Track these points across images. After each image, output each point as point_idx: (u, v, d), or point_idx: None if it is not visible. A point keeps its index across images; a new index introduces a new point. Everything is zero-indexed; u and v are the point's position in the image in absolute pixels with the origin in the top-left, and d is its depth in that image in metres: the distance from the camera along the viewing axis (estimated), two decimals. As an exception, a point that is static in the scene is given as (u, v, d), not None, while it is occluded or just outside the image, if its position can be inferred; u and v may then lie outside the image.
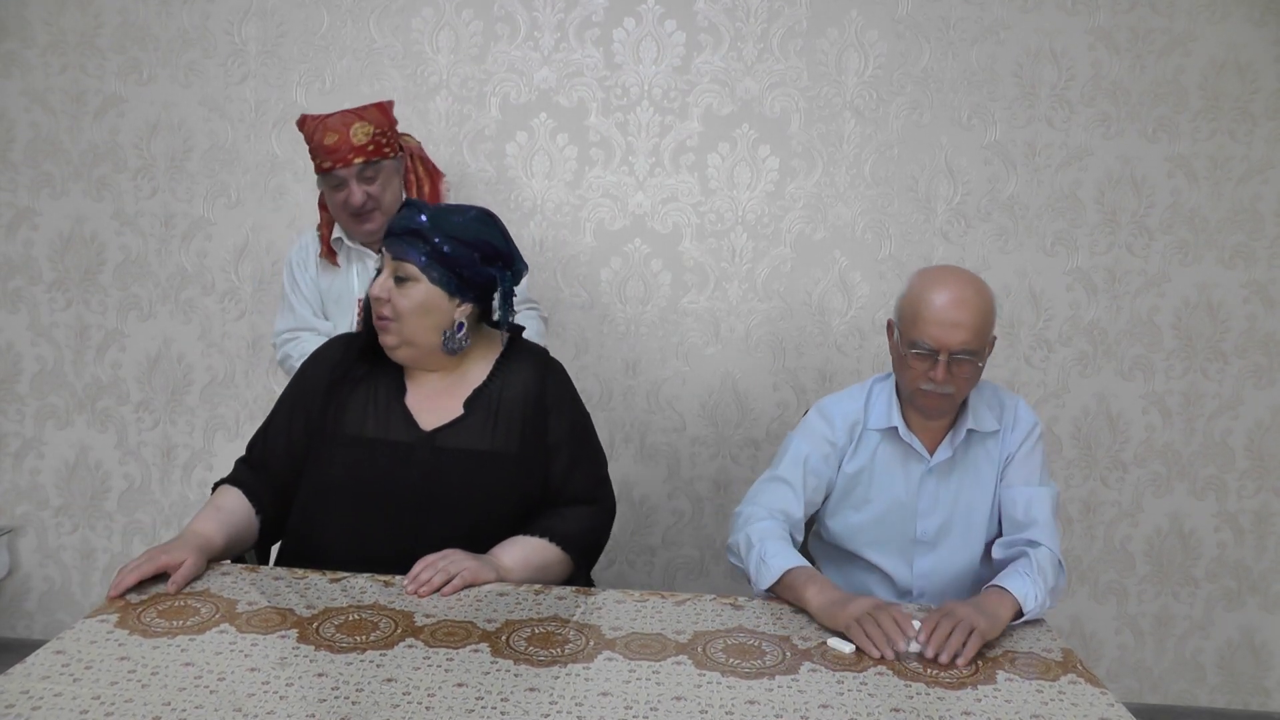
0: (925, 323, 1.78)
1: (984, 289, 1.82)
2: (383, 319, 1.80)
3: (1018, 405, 1.95)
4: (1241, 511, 3.04)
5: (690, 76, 2.91)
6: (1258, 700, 3.10)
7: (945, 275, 1.83)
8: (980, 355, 1.80)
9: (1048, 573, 1.74)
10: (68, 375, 3.07)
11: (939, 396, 1.81)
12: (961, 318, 1.76)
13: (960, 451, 1.93)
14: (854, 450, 1.95)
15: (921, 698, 1.41)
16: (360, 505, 1.80)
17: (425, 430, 1.83)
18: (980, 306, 1.78)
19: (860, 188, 2.94)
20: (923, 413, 1.88)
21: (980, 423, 1.91)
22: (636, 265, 2.98)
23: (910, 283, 1.87)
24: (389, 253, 1.80)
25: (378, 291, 1.79)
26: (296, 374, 1.97)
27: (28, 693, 1.30)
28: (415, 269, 1.78)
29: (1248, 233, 2.94)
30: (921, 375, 1.81)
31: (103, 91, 2.96)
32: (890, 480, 1.95)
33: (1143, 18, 2.87)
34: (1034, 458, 1.92)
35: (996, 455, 1.93)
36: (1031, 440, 1.93)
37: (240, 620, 1.55)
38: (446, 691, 1.35)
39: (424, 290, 1.79)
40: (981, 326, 1.78)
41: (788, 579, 1.72)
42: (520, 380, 1.90)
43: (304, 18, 2.92)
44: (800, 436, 1.98)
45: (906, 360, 1.83)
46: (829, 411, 1.98)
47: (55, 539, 3.14)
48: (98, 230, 3.01)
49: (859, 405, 1.97)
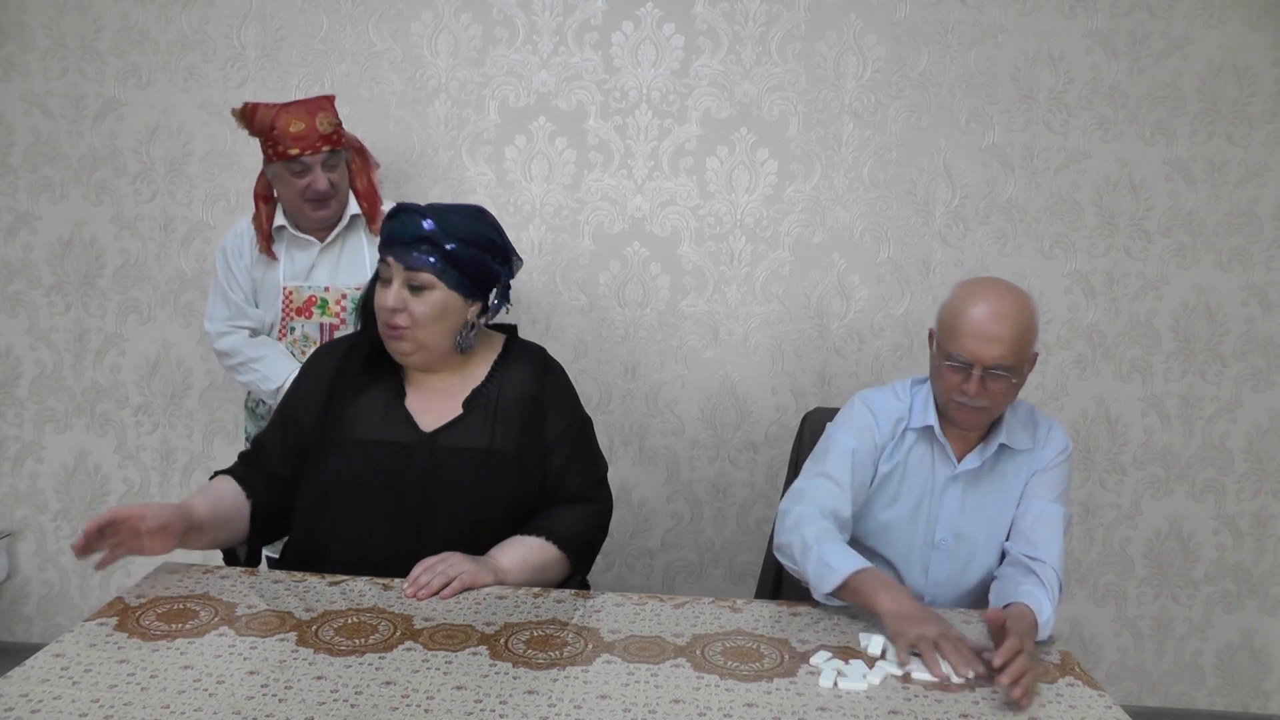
0: (961, 335, 1.76)
1: (1025, 304, 1.79)
2: (397, 328, 1.79)
3: (1052, 426, 1.94)
4: (1240, 514, 3.04)
5: (689, 80, 2.92)
6: (1257, 703, 3.10)
7: (986, 287, 1.81)
8: (1016, 372, 1.77)
9: (1055, 596, 1.71)
10: (67, 379, 3.07)
11: (972, 410, 1.80)
12: (998, 332, 1.74)
13: (989, 463, 1.91)
14: (893, 448, 1.93)
15: (920, 700, 1.41)
16: (362, 506, 1.80)
17: (426, 431, 1.84)
18: (1019, 321, 1.75)
19: (859, 191, 2.94)
20: (955, 424, 1.87)
21: (1014, 439, 1.89)
22: (635, 268, 2.98)
23: (953, 292, 1.85)
24: (398, 262, 1.78)
25: (392, 302, 1.78)
26: (299, 377, 1.97)
27: (27, 696, 1.30)
28: (431, 276, 1.78)
29: (1246, 236, 2.94)
30: (955, 387, 1.79)
31: (102, 95, 2.97)
32: (918, 480, 1.93)
33: (1140, 21, 2.88)
34: (1058, 476, 1.91)
35: (1026, 472, 1.91)
36: (1061, 459, 1.91)
37: (239, 623, 1.55)
38: (445, 694, 1.36)
39: (441, 296, 1.79)
40: (1019, 342, 1.75)
41: (854, 582, 1.66)
42: (519, 379, 1.91)
43: (303, 22, 2.93)
44: (846, 431, 1.94)
45: (941, 371, 1.82)
46: (875, 407, 1.94)
47: (54, 543, 3.14)
48: (97, 234, 3.01)
49: (905, 403, 1.95)
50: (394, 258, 1.78)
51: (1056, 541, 1.81)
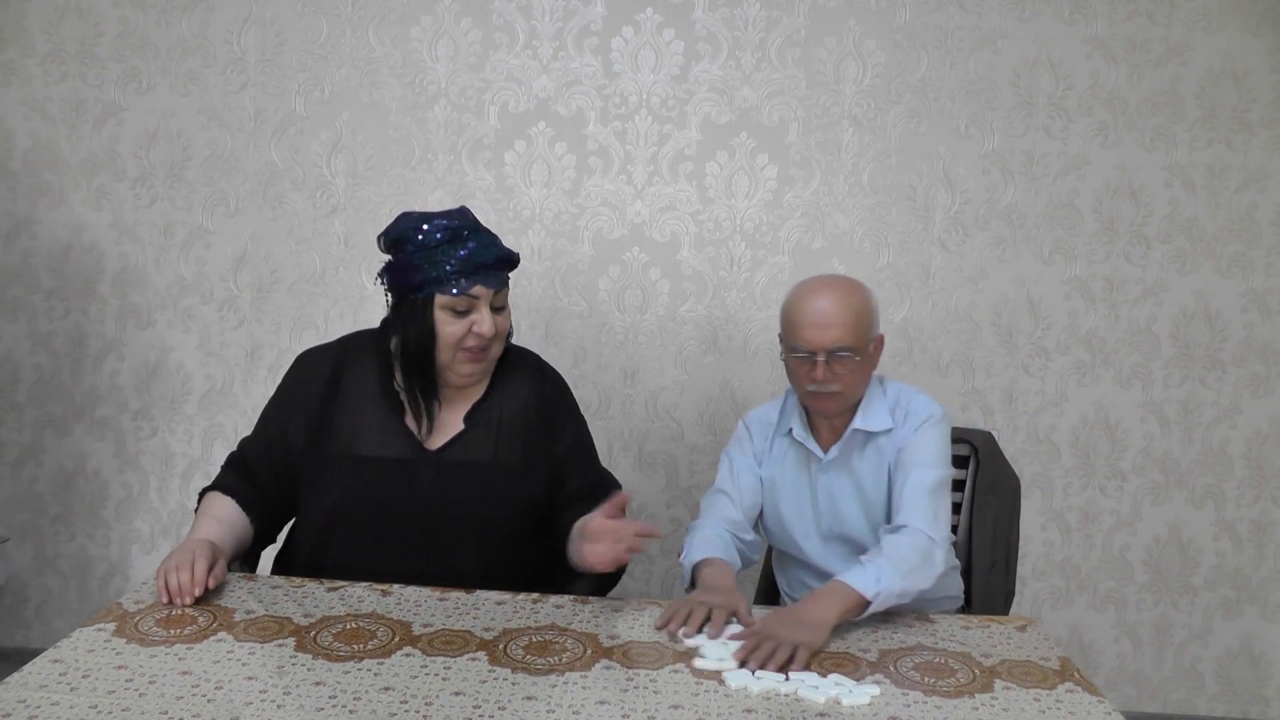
0: (799, 326, 1.87)
1: (855, 288, 1.90)
2: (483, 351, 1.80)
3: (913, 399, 1.98)
4: (1240, 520, 3.04)
5: (688, 85, 2.92)
6: (1257, 709, 3.10)
7: (815, 281, 1.94)
8: (859, 351, 1.86)
9: (907, 555, 1.74)
10: (66, 384, 3.07)
11: (826, 396, 1.88)
12: (832, 318, 1.84)
13: (849, 450, 1.97)
14: (769, 453, 2.05)
15: (919, 706, 1.41)
16: (368, 525, 1.79)
17: (430, 448, 1.83)
18: (851, 304, 1.86)
19: (858, 196, 2.95)
20: (818, 413, 1.95)
21: (869, 422, 1.95)
22: (635, 274, 2.98)
23: (787, 295, 1.95)
24: (488, 288, 1.78)
25: (488, 330, 1.78)
26: (284, 389, 1.92)
27: (25, 702, 1.30)
28: (508, 290, 1.83)
29: (1245, 242, 2.94)
30: (806, 377, 1.88)
31: (102, 100, 2.97)
32: (796, 480, 2.02)
33: (1140, 27, 2.88)
34: (920, 442, 1.91)
35: (889, 451, 1.95)
36: (922, 429, 1.92)
37: (238, 629, 1.55)
38: (444, 700, 1.35)
39: (508, 302, 1.85)
40: (855, 324, 1.85)
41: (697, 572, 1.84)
42: (520, 391, 1.91)
43: (303, 27, 2.93)
44: (731, 448, 2.09)
45: (791, 366, 1.92)
46: (750, 420, 2.09)
47: (53, 548, 3.13)
48: (96, 239, 3.01)
49: (775, 411, 2.07)
50: (483, 285, 1.77)
51: (920, 503, 1.84)
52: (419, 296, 1.77)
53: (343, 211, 2.97)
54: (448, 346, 1.78)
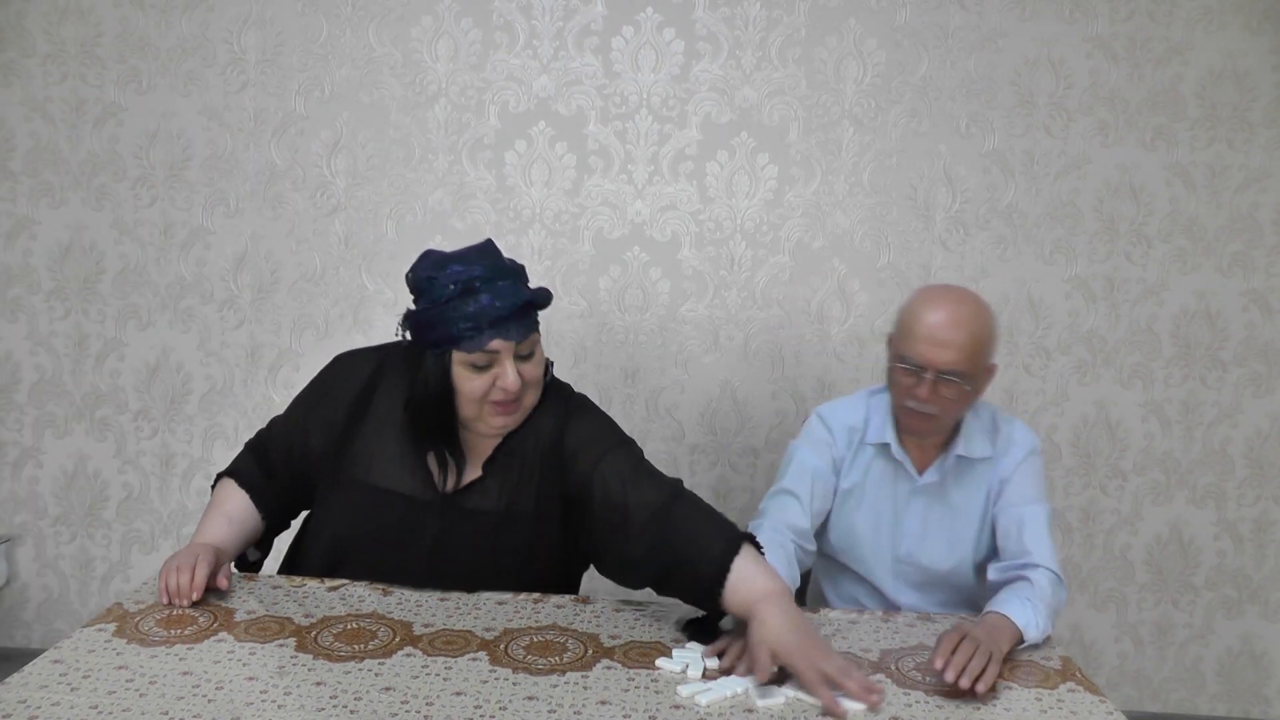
0: (914, 339, 1.77)
1: (980, 311, 1.78)
2: (514, 403, 1.67)
3: (1013, 428, 1.91)
4: (1241, 519, 3.03)
5: (689, 85, 2.92)
6: (1258, 708, 3.10)
7: (943, 293, 1.82)
8: (969, 379, 1.76)
9: (1048, 595, 1.69)
10: (66, 384, 3.07)
11: (922, 416, 1.79)
12: (951, 338, 1.74)
13: (949, 475, 1.90)
14: (851, 462, 1.94)
15: (920, 706, 1.41)
16: (374, 557, 1.75)
17: (444, 490, 1.74)
18: (974, 329, 1.75)
19: (859, 196, 2.94)
20: (907, 430, 1.87)
21: (971, 448, 1.88)
22: (635, 273, 2.98)
23: (911, 296, 1.85)
24: (508, 340, 1.62)
25: (512, 384, 1.63)
26: (315, 391, 1.85)
27: (25, 702, 1.29)
28: (536, 334, 1.68)
29: (1246, 241, 2.94)
30: (907, 391, 1.79)
31: (102, 100, 2.97)
32: (880, 496, 1.93)
33: (1140, 26, 2.88)
34: (1028, 478, 1.87)
35: (988, 481, 1.89)
36: (1027, 462, 1.88)
37: (238, 629, 1.54)
38: (445, 700, 1.35)
39: (539, 345, 1.70)
40: (973, 350, 1.75)
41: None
42: (544, 429, 1.77)
43: (303, 26, 2.93)
44: (804, 446, 1.95)
45: (895, 374, 1.82)
46: (830, 420, 1.96)
47: (53, 548, 3.13)
48: (97, 239, 3.01)
49: (859, 415, 1.95)
50: (501, 338, 1.62)
51: (1043, 540, 1.80)
52: (435, 352, 1.66)
53: (343, 211, 2.97)
54: (470, 402, 1.66)
